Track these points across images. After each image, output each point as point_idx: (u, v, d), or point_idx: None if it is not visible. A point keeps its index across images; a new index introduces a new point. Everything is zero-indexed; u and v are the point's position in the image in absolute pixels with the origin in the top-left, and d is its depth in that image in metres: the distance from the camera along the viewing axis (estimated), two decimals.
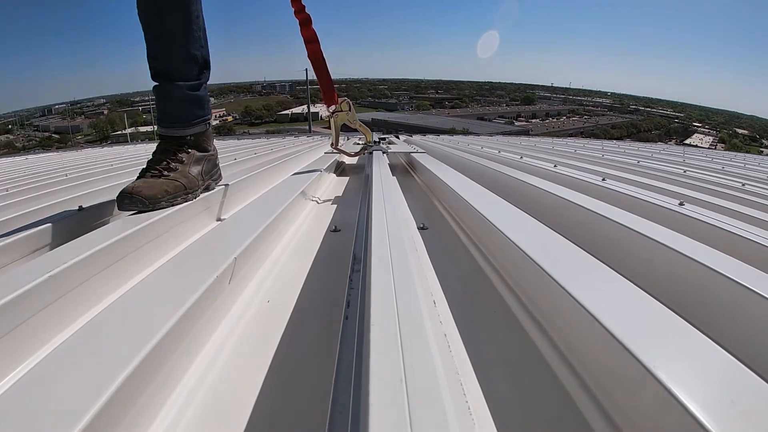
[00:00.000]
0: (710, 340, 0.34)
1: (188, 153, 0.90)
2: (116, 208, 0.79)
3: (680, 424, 0.27)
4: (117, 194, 0.76)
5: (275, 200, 0.92)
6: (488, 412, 0.37)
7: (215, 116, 62.87)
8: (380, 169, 1.25)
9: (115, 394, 0.29)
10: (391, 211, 0.70)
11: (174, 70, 0.87)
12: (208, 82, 0.97)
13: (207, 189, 0.96)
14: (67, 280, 0.52)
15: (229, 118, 62.05)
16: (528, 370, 0.44)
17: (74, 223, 0.82)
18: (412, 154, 1.81)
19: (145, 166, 0.86)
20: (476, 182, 1.07)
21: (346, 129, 1.58)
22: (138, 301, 0.44)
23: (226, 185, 1.08)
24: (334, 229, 0.92)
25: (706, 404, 0.27)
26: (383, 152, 1.78)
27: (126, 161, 2.60)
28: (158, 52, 0.86)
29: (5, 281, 0.48)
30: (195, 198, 0.88)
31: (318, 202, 1.24)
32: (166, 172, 0.84)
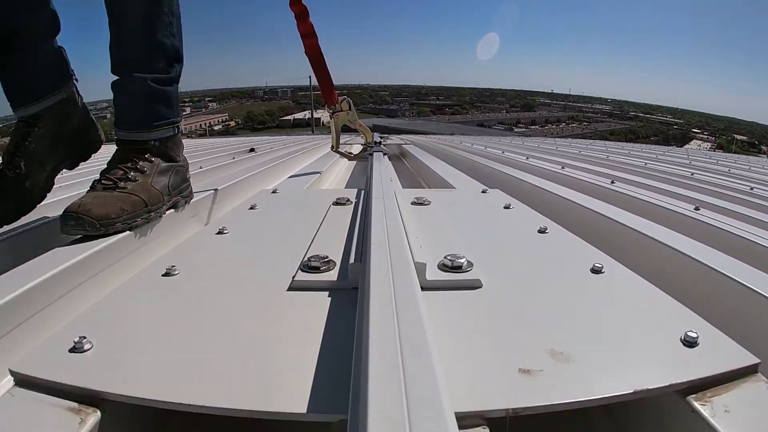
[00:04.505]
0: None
1: (151, 162, 0.75)
2: None
3: (684, 421, 0.27)
4: (61, 213, 0.61)
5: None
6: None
7: (218, 121, 63.30)
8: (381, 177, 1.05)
9: None
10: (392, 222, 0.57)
11: (136, 60, 0.73)
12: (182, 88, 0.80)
13: (174, 207, 0.79)
14: (55, 286, 0.48)
15: (232, 123, 62.34)
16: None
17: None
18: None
19: (97, 177, 0.71)
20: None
21: (348, 130, 1.53)
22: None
23: (216, 190, 0.99)
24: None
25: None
26: (384, 153, 1.74)
27: None
28: (119, 38, 0.72)
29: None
30: (159, 217, 0.72)
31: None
32: (122, 184, 0.68)
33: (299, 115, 61.57)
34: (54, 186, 0.78)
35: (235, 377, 0.32)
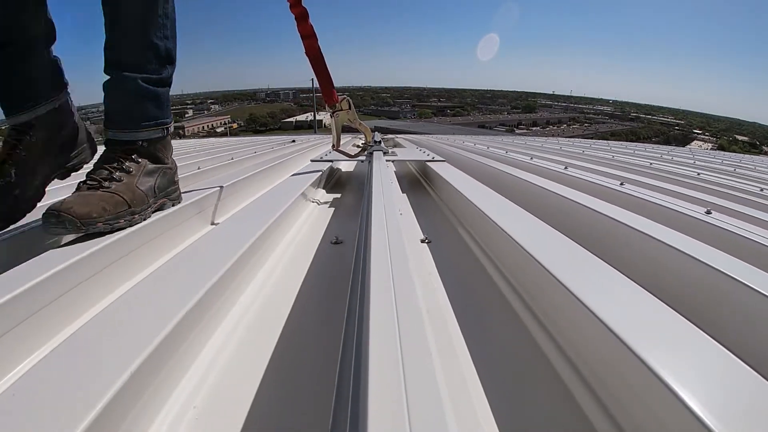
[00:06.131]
0: (711, 339, 0.35)
1: (138, 163, 0.74)
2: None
3: (682, 422, 0.27)
4: (43, 212, 0.60)
5: (273, 203, 0.88)
6: (491, 413, 0.38)
7: (220, 123, 63.58)
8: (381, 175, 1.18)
9: (114, 397, 0.30)
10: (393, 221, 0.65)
11: (127, 60, 0.73)
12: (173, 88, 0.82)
13: (161, 209, 0.79)
14: (65, 281, 0.52)
15: (234, 125, 62.61)
16: (531, 369, 0.44)
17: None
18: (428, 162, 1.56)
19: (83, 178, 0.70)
20: (480, 181, 1.14)
21: (350, 130, 1.63)
22: (131, 307, 0.42)
23: (221, 187, 1.03)
24: (335, 241, 0.89)
25: (707, 402, 0.27)
26: (384, 152, 1.79)
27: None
28: (113, 39, 0.72)
29: (5, 279, 0.47)
30: (143, 219, 0.71)
31: (318, 203, 1.25)
32: (106, 183, 0.68)
33: (301, 117, 61.78)
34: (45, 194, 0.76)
35: None
